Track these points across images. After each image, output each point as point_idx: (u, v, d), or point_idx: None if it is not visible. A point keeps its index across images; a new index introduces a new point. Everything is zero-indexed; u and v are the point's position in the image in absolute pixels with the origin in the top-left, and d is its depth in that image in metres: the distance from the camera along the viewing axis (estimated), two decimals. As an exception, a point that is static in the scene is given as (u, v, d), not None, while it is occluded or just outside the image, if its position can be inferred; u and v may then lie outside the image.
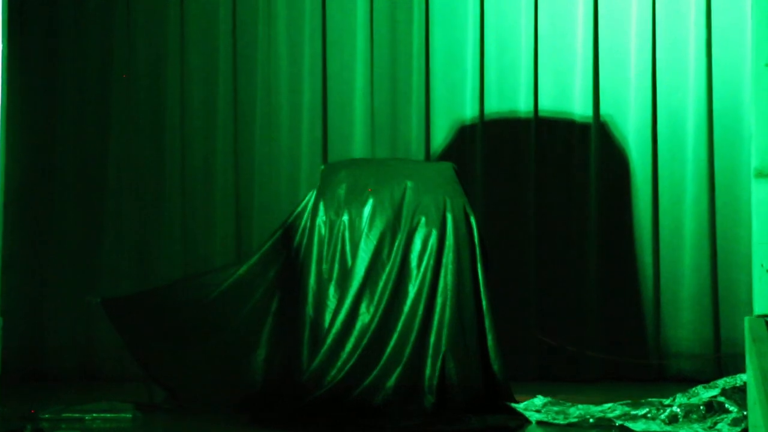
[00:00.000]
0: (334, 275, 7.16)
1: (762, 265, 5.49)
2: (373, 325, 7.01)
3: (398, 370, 6.94)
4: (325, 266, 7.19)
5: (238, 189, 8.81)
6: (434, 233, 7.10)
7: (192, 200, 8.79)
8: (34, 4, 8.71)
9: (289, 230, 7.33)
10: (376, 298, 7.06)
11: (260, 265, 7.29)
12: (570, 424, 6.60)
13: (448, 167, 7.52)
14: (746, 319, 5.50)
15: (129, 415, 6.79)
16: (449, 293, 7.02)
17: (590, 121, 8.62)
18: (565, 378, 8.46)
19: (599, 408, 6.78)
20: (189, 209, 8.77)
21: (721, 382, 6.67)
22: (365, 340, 7.00)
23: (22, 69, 8.53)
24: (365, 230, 7.16)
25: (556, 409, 6.87)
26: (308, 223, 7.25)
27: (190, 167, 8.81)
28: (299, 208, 7.38)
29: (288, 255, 7.29)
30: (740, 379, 6.56)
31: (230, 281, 7.25)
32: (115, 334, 7.26)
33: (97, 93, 8.80)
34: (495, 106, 8.72)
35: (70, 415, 6.77)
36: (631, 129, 8.64)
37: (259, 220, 8.74)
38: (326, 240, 7.21)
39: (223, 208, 8.77)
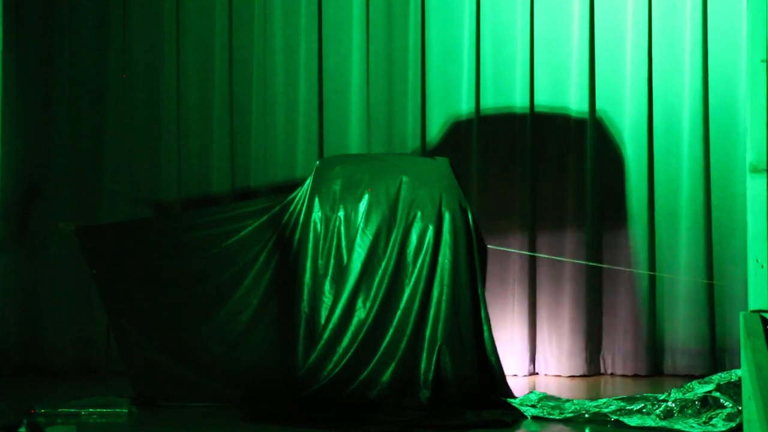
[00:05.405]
0: (330, 271, 7.16)
1: (757, 260, 5.49)
2: (369, 321, 7.02)
3: (393, 364, 6.95)
4: (320, 262, 7.18)
5: (235, 184, 8.80)
6: (430, 228, 7.10)
7: (188, 195, 8.77)
8: (30, 1, 8.70)
9: (281, 216, 7.29)
10: (372, 293, 7.06)
11: (252, 237, 7.25)
12: (565, 419, 6.61)
13: (443, 162, 7.51)
14: (741, 314, 5.51)
15: (125, 410, 6.79)
16: (445, 288, 7.02)
17: (586, 116, 8.62)
18: (560, 373, 8.49)
19: (594, 403, 6.79)
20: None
21: (716, 377, 6.67)
22: (361, 336, 7.01)
23: (17, 65, 8.52)
24: (361, 226, 7.16)
25: (551, 404, 6.87)
26: (303, 219, 7.24)
27: (186, 162, 8.80)
28: (288, 200, 7.32)
29: (278, 239, 7.26)
30: (735, 374, 6.56)
31: (220, 247, 7.22)
32: (109, 328, 7.25)
33: (93, 89, 8.77)
34: (491, 101, 8.71)
35: (66, 409, 6.76)
36: (626, 124, 8.63)
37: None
38: (322, 236, 7.20)
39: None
